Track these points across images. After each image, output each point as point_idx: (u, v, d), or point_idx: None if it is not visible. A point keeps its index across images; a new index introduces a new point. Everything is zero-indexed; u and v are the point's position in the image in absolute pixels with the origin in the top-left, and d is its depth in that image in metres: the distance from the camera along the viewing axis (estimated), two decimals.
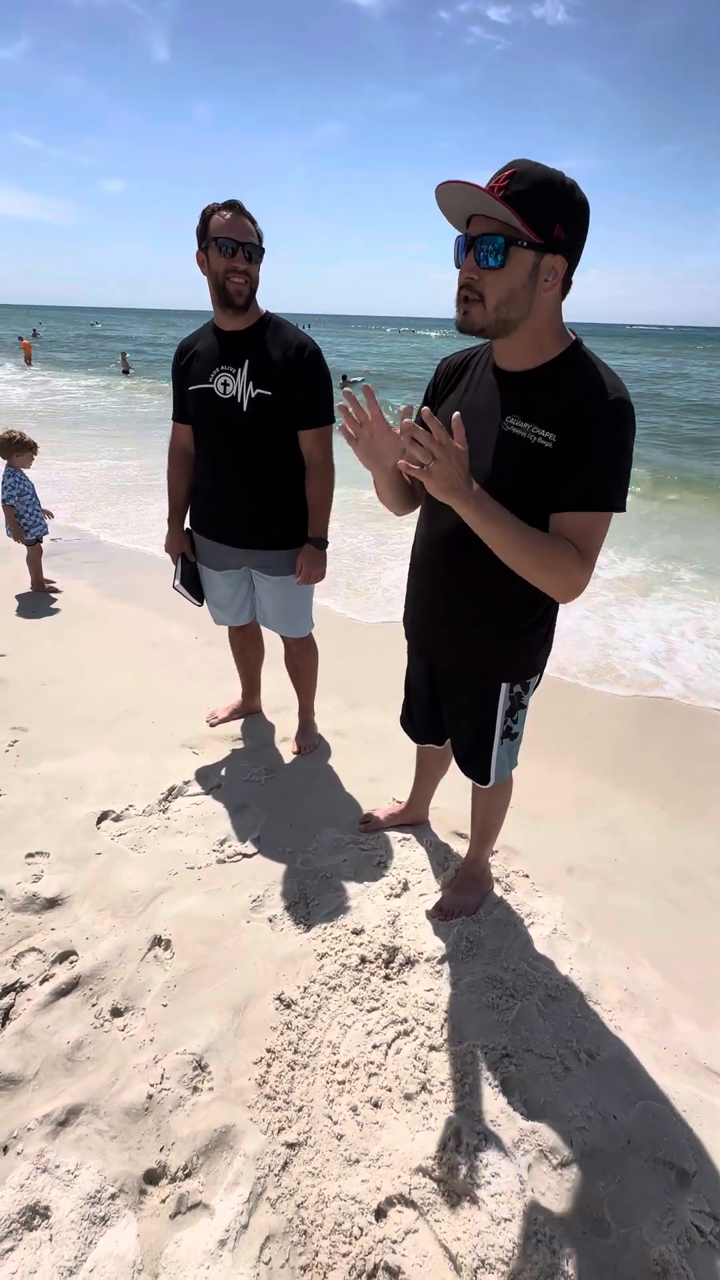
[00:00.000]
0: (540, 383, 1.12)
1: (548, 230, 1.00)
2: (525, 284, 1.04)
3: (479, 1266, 1.02)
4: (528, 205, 0.98)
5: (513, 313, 1.06)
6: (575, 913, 1.74)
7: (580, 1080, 1.31)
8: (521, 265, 1.02)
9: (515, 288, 1.04)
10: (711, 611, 4.04)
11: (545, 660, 1.40)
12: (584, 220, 1.04)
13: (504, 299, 1.05)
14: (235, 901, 1.70)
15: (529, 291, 1.04)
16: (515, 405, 1.14)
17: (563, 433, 1.08)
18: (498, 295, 1.04)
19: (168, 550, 2.18)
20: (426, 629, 1.42)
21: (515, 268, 1.02)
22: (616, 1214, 1.12)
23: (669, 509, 7.01)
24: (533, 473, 1.11)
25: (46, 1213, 1.10)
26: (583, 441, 1.07)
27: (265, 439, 1.86)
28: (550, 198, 0.99)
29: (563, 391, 1.09)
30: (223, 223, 1.69)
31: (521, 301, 1.05)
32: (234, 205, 1.70)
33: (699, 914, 1.80)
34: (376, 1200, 1.10)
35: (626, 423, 1.07)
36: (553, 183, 0.99)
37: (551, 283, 1.05)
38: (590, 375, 1.09)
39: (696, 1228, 1.10)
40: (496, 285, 1.04)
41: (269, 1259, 1.05)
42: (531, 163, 1.00)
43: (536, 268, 1.03)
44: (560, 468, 1.09)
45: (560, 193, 1.00)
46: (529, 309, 1.07)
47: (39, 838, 1.89)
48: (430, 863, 1.85)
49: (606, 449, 1.06)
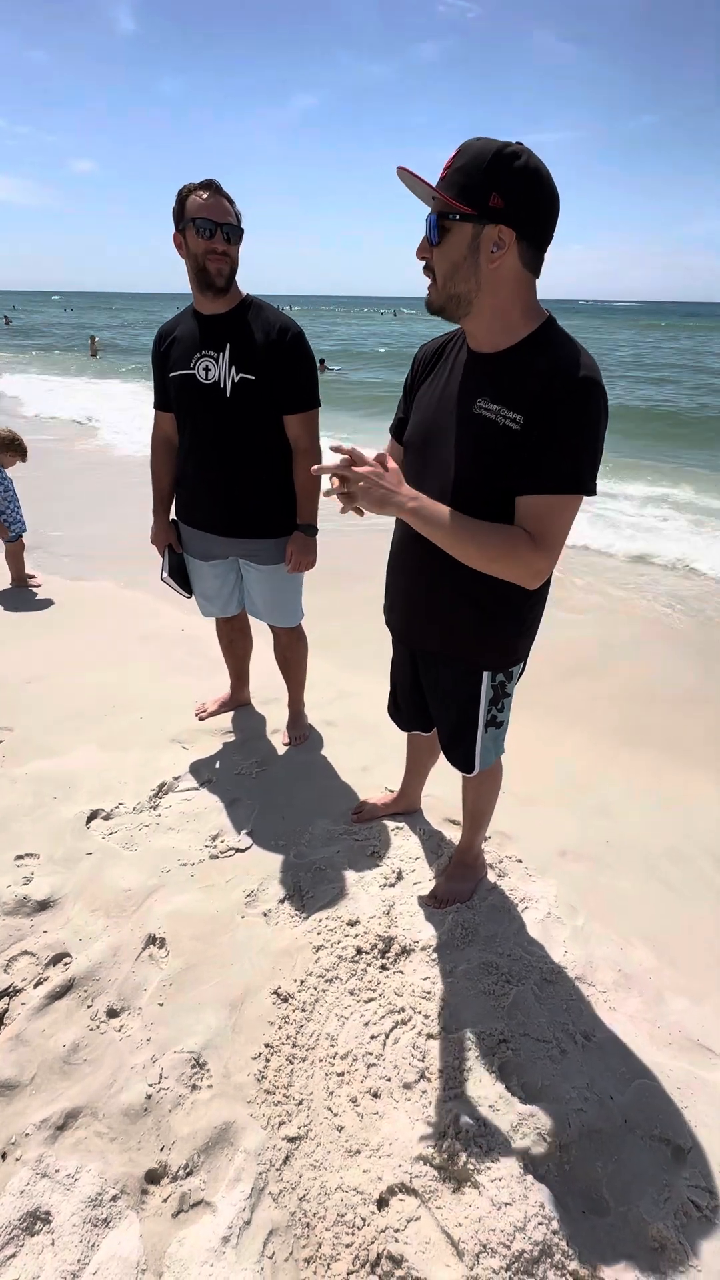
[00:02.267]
0: (509, 363, 1.10)
1: (480, 200, 0.99)
2: (466, 256, 1.04)
3: (481, 1251, 1.03)
4: (462, 178, 0.99)
5: (459, 287, 1.06)
6: (569, 896, 1.75)
7: (577, 1062, 1.33)
8: (459, 238, 1.03)
9: (456, 260, 1.05)
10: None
11: (527, 648, 1.39)
12: (532, 188, 1.00)
13: (448, 273, 1.06)
14: (229, 897, 1.69)
15: (471, 264, 1.04)
16: (485, 387, 1.12)
17: (530, 414, 1.05)
18: (442, 271, 1.07)
19: (153, 542, 2.13)
20: (405, 618, 1.42)
21: (453, 241, 1.03)
22: (614, 1193, 1.14)
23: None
24: (501, 455, 1.09)
25: (48, 1217, 1.09)
26: (547, 422, 1.04)
27: (249, 425, 1.82)
28: (483, 169, 0.98)
29: (531, 371, 1.06)
30: (200, 203, 1.63)
31: (465, 275, 1.05)
32: (211, 185, 1.64)
33: (690, 893, 1.82)
34: (378, 1190, 1.11)
35: (594, 402, 1.03)
36: (487, 153, 0.98)
37: (498, 254, 1.02)
38: (559, 354, 1.05)
39: (693, 1203, 1.13)
40: (440, 261, 1.06)
41: (273, 1253, 1.06)
42: (478, 139, 1.00)
43: (477, 239, 1.02)
44: (527, 449, 1.07)
45: (497, 162, 0.98)
46: (476, 282, 1.05)
47: (28, 839, 1.86)
48: (424, 851, 1.85)
49: (572, 429, 1.04)
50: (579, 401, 1.03)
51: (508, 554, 1.09)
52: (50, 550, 4.37)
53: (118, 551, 4.30)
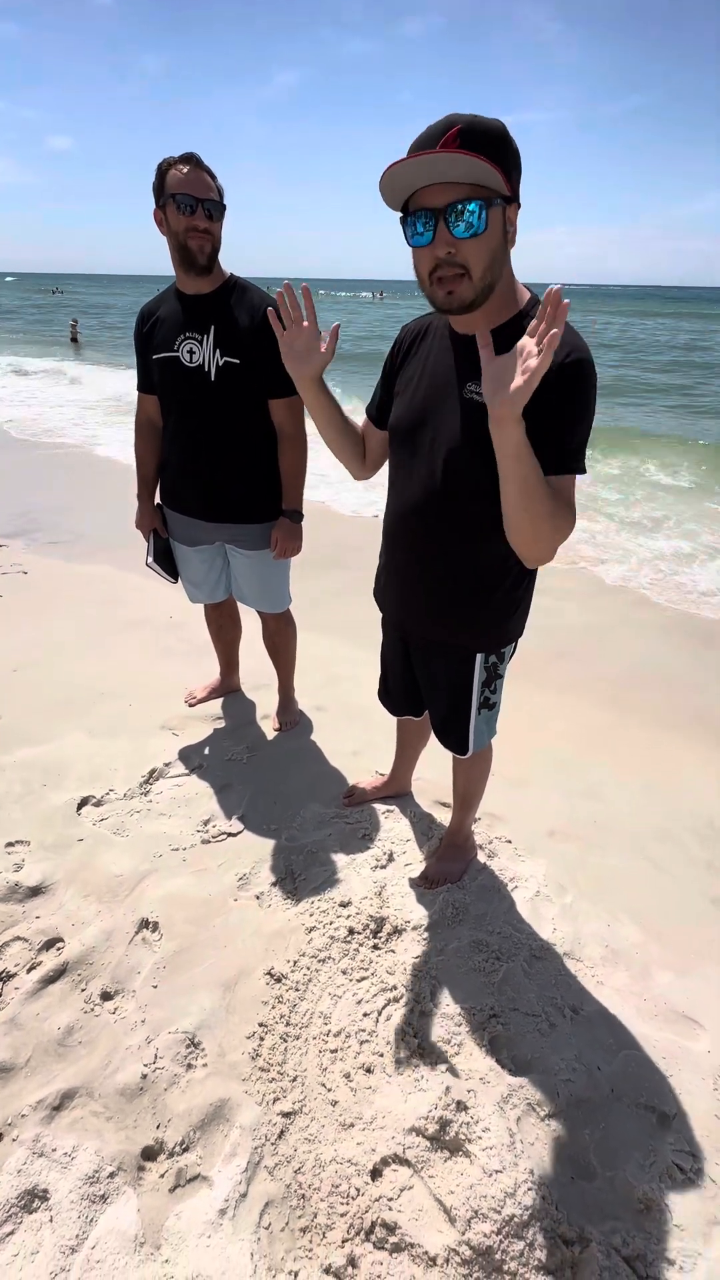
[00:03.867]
0: (499, 345, 1.08)
1: (514, 182, 0.97)
2: (501, 243, 1.00)
3: (472, 1217, 1.06)
4: (498, 159, 0.93)
5: (495, 275, 1.02)
6: (558, 875, 1.78)
7: (565, 1035, 1.36)
8: (497, 224, 0.98)
9: (494, 248, 0.99)
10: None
11: (520, 629, 1.39)
12: (519, 163, 1.00)
13: (488, 265, 0.99)
14: (222, 881, 1.70)
15: (503, 249, 1.01)
16: (474, 371, 1.10)
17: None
18: (483, 263, 0.98)
19: (138, 526, 2.11)
20: (398, 600, 1.41)
21: (494, 228, 0.97)
22: (602, 1158, 1.17)
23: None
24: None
25: (45, 1195, 1.11)
26: (540, 403, 1.01)
27: (235, 409, 1.80)
28: (508, 147, 0.95)
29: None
30: (180, 178, 1.59)
31: (500, 262, 1.02)
32: (191, 158, 1.60)
33: (677, 871, 1.86)
34: (372, 1161, 1.13)
35: (586, 381, 1.03)
36: (502, 130, 0.95)
37: (513, 233, 1.01)
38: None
39: (677, 1166, 1.16)
40: (479, 252, 0.97)
41: (269, 1224, 1.08)
42: (474, 116, 0.95)
43: (503, 222, 0.99)
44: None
45: (509, 140, 0.96)
46: (504, 269, 1.03)
47: (18, 826, 1.86)
48: (414, 833, 1.86)
49: (565, 409, 1.03)
50: (572, 381, 1.02)
51: (560, 517, 1.00)
52: (34, 537, 4.30)
53: (115, 538, 4.25)
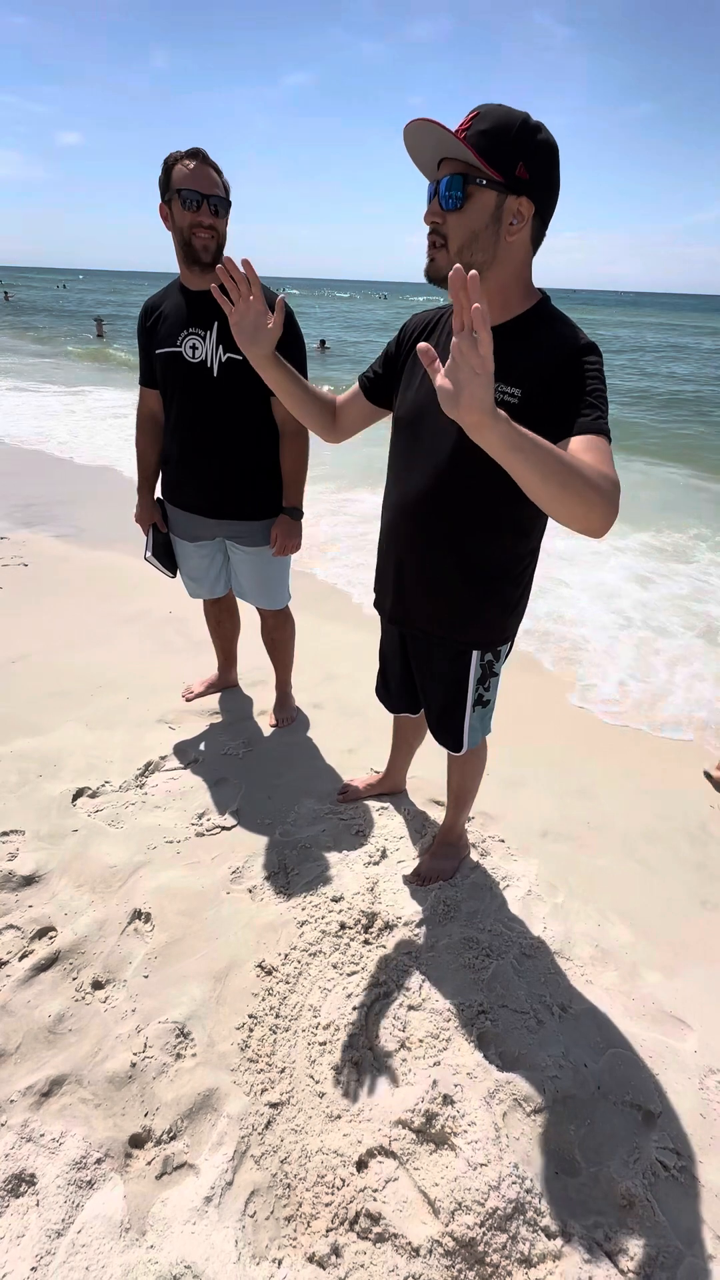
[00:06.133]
0: (507, 338, 1.09)
1: (509, 169, 0.98)
2: (488, 226, 1.01)
3: (456, 1209, 1.06)
4: (487, 142, 0.96)
5: (475, 256, 1.04)
6: (549, 874, 1.79)
7: (553, 1032, 1.36)
8: (483, 205, 1.00)
9: (477, 229, 1.02)
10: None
11: (516, 627, 1.40)
12: (551, 162, 1.01)
13: (466, 242, 1.03)
14: (215, 874, 1.71)
15: (493, 234, 1.02)
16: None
17: (532, 386, 1.05)
18: (460, 238, 1.03)
19: (138, 520, 2.12)
20: (396, 595, 1.41)
21: (476, 208, 1.00)
22: (586, 1154, 1.17)
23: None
24: None
25: (32, 1180, 1.11)
26: (566, 382, 1.03)
27: (237, 405, 1.81)
28: (511, 135, 0.97)
29: (533, 345, 1.07)
30: (186, 173, 1.60)
31: (485, 245, 1.03)
32: (198, 154, 1.61)
33: (667, 872, 1.87)
34: (358, 1153, 1.14)
35: (600, 361, 1.07)
36: (515, 121, 0.97)
37: (518, 226, 1.02)
38: (562, 330, 1.08)
39: (660, 1163, 1.17)
40: (458, 227, 1.02)
41: (254, 1212, 1.09)
42: (497, 105, 0.98)
43: (500, 209, 1.00)
44: (531, 421, 1.06)
45: (523, 131, 0.97)
46: (494, 254, 1.04)
47: (13, 816, 1.86)
48: (408, 830, 1.87)
49: (591, 381, 1.04)
50: (588, 363, 1.04)
51: (592, 485, 0.87)
52: (35, 530, 4.31)
53: (117, 532, 4.26)
